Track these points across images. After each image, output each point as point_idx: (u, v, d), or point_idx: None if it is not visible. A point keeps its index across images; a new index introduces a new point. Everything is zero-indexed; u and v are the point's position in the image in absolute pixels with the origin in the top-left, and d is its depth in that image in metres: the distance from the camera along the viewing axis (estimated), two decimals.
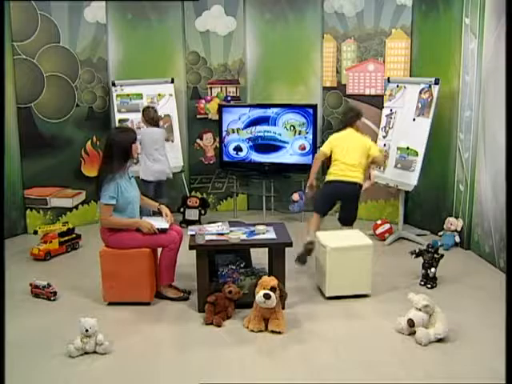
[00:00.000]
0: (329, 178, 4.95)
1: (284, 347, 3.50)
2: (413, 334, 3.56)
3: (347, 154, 4.86)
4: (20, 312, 4.03)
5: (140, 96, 6.21)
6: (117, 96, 6.20)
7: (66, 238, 5.36)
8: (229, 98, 6.69)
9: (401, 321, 3.63)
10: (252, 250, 4.54)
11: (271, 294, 3.60)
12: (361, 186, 4.89)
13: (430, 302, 3.57)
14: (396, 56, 6.06)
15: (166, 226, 4.14)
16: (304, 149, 6.37)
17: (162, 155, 5.76)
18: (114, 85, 6.20)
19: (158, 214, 4.39)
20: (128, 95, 6.20)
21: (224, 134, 6.59)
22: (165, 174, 5.79)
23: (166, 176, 5.81)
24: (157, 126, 5.79)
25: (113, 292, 4.10)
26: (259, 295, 3.61)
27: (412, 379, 3.13)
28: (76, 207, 6.27)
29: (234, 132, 6.56)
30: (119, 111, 6.20)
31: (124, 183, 4.06)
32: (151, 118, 5.71)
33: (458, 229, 5.35)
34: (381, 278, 4.57)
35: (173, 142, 6.33)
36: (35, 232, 5.40)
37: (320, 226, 4.94)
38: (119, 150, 4.03)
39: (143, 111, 5.77)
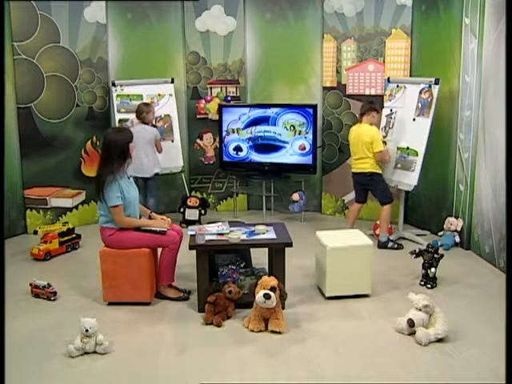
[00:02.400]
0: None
1: (284, 347, 3.51)
2: (413, 334, 3.56)
3: (353, 147, 5.51)
4: (20, 312, 4.03)
5: (140, 97, 6.21)
6: (117, 96, 6.20)
7: (66, 238, 5.36)
8: (229, 98, 6.69)
9: (401, 321, 3.63)
10: (252, 249, 4.54)
11: (271, 294, 3.60)
12: (373, 173, 5.38)
13: (430, 301, 3.57)
14: (396, 56, 6.06)
15: (164, 228, 4.15)
16: (304, 149, 6.37)
17: (147, 155, 5.73)
18: (114, 85, 6.21)
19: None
20: (128, 96, 6.20)
21: (224, 133, 6.59)
22: (143, 171, 5.73)
23: (145, 174, 5.76)
24: (146, 123, 5.79)
25: (113, 292, 4.10)
26: (259, 295, 3.61)
27: (412, 379, 3.13)
28: (76, 207, 6.27)
29: (233, 132, 6.57)
30: (119, 111, 6.20)
31: (124, 183, 4.07)
32: (140, 112, 5.73)
33: (458, 229, 5.35)
34: (381, 277, 4.58)
35: (173, 141, 6.33)
36: (35, 232, 5.40)
37: (357, 214, 5.69)
38: (117, 150, 4.02)
39: (136, 109, 5.80)
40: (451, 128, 5.46)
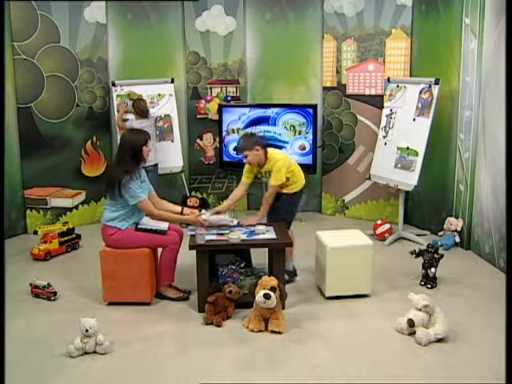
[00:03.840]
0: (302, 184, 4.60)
1: (284, 347, 3.51)
2: (413, 334, 3.56)
3: None
4: (20, 312, 4.03)
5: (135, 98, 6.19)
6: (117, 96, 6.19)
7: (66, 238, 5.36)
8: (229, 98, 6.68)
9: (401, 321, 3.64)
10: (252, 250, 4.54)
11: (271, 294, 3.60)
12: None
13: (430, 301, 3.57)
14: (396, 56, 6.05)
15: (165, 228, 4.16)
16: (304, 149, 6.36)
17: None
18: (113, 85, 6.20)
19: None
20: (128, 95, 6.19)
21: (224, 133, 6.59)
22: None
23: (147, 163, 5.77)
24: (146, 117, 5.83)
25: (113, 292, 4.10)
26: (259, 295, 3.61)
27: (412, 379, 3.13)
28: (76, 207, 6.27)
29: (233, 132, 6.56)
30: (118, 111, 6.19)
31: (138, 183, 4.08)
32: (141, 110, 5.78)
33: (458, 229, 5.35)
34: (381, 278, 4.57)
35: (173, 141, 6.33)
36: (35, 232, 5.40)
37: None
38: (130, 151, 4.05)
39: (133, 103, 5.82)
40: (451, 128, 5.46)
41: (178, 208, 4.41)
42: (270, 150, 4.43)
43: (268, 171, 4.40)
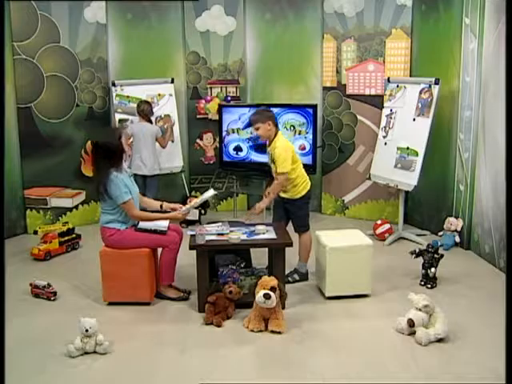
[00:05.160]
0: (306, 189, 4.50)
1: (284, 347, 3.50)
2: (413, 334, 3.56)
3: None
4: (20, 312, 4.03)
5: (139, 100, 6.19)
6: (116, 96, 6.19)
7: (66, 238, 5.36)
8: (229, 98, 6.69)
9: (401, 321, 3.64)
10: (252, 249, 4.54)
11: (271, 294, 3.60)
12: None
13: (430, 301, 3.57)
14: (396, 56, 6.05)
15: (165, 228, 4.15)
16: (304, 149, 6.36)
17: (149, 152, 5.79)
18: (113, 85, 6.20)
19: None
20: (128, 97, 6.19)
21: (224, 133, 6.59)
22: (144, 169, 5.82)
23: (145, 172, 5.84)
24: (149, 121, 5.86)
25: (113, 292, 4.10)
26: (259, 295, 3.61)
27: (412, 379, 3.13)
28: (76, 207, 6.27)
29: (233, 132, 6.56)
30: (116, 111, 6.18)
31: (126, 179, 4.07)
32: (145, 113, 5.83)
33: (458, 229, 5.35)
34: (381, 278, 4.57)
35: (173, 142, 6.33)
36: (35, 232, 5.39)
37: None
38: (110, 152, 3.99)
39: (138, 104, 5.88)
40: (451, 128, 5.46)
41: (158, 203, 4.33)
42: (279, 134, 4.38)
43: (271, 155, 4.38)
